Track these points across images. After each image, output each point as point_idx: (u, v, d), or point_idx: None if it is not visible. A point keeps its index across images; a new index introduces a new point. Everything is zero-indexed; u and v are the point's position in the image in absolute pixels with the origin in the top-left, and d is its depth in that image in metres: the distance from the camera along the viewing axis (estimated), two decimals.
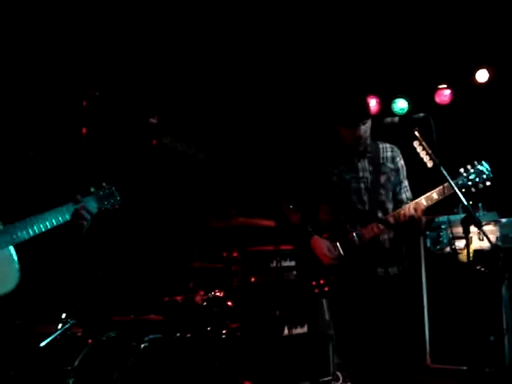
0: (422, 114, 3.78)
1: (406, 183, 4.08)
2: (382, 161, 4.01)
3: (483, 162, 3.84)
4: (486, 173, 3.80)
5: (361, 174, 3.95)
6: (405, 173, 4.09)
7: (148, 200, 5.67)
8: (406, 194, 4.05)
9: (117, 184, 3.53)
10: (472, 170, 3.81)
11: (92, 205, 3.43)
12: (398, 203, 3.99)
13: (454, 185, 3.62)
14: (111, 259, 5.20)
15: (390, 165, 4.02)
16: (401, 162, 4.07)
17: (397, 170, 4.04)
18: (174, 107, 5.43)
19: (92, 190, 3.47)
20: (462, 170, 3.82)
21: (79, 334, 4.49)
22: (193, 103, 6.34)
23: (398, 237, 3.94)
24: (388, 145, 4.09)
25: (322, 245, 3.88)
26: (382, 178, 3.97)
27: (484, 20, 6.23)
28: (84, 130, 4.08)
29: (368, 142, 3.98)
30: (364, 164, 3.98)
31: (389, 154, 4.06)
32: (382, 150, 4.05)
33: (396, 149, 4.10)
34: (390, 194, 4.00)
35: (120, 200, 3.50)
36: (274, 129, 6.98)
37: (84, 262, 4.71)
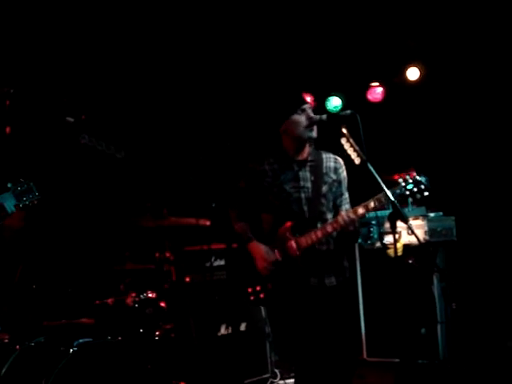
0: (349, 111, 3.78)
1: (346, 195, 4.05)
2: (324, 170, 3.97)
3: (422, 175, 3.82)
4: (425, 183, 3.77)
5: (302, 184, 3.92)
6: (346, 184, 4.06)
7: (75, 200, 5.56)
8: (345, 206, 4.02)
9: (39, 182, 3.47)
10: (410, 181, 3.73)
11: (10, 201, 3.37)
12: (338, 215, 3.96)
13: (380, 181, 3.64)
14: (40, 261, 5.07)
15: (332, 175, 3.99)
16: (343, 174, 4.05)
17: (339, 182, 4.01)
18: (93, 106, 5.33)
19: (9, 185, 3.42)
20: (400, 179, 3.74)
21: (6, 341, 4.38)
22: (112, 101, 6.22)
23: (338, 248, 3.92)
24: (332, 155, 4.06)
25: (260, 249, 3.87)
26: (324, 188, 3.94)
27: (416, 17, 6.34)
28: (8, 129, 3.97)
29: (311, 149, 3.98)
30: (305, 173, 3.94)
31: (332, 164, 4.02)
32: (325, 160, 4.01)
33: (339, 160, 4.07)
34: (331, 204, 3.97)
35: (39, 195, 3.46)
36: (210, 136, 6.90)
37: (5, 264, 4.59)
